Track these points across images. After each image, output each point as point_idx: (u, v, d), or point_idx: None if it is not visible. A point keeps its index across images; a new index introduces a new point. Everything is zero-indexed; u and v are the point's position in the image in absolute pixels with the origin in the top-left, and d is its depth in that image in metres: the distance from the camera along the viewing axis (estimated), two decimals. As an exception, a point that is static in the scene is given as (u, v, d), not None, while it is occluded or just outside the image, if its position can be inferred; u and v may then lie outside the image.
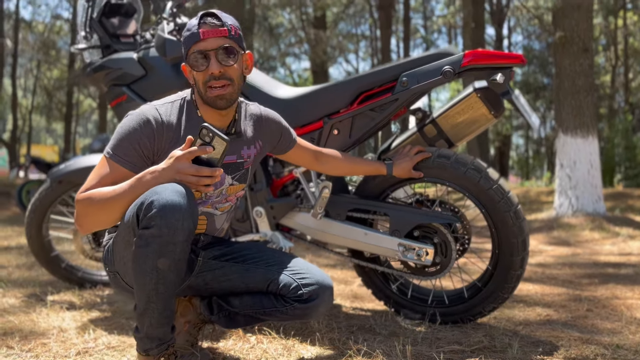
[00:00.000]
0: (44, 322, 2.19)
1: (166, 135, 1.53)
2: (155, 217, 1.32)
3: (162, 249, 1.35)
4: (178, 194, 1.34)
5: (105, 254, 1.62)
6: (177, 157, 1.39)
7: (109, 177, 1.49)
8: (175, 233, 1.34)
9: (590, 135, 6.62)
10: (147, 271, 1.37)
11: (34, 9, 23.48)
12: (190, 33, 1.52)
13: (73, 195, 2.86)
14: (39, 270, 3.41)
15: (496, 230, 2.02)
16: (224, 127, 1.63)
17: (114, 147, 1.51)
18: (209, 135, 1.37)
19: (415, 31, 27.92)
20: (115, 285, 1.64)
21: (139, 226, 1.36)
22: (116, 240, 1.53)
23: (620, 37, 21.47)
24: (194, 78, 1.56)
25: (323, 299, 1.58)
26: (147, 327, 1.43)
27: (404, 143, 2.28)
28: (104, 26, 2.61)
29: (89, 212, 1.45)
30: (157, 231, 1.33)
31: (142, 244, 1.35)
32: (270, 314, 1.62)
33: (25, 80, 29.39)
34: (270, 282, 1.60)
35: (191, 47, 1.52)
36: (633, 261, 4.05)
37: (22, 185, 8.11)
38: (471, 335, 2.00)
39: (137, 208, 1.36)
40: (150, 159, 1.54)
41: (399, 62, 2.12)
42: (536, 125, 2.07)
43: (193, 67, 1.53)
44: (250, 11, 15.40)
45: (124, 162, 1.50)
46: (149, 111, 1.54)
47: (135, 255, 1.38)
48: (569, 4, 6.70)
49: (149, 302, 1.41)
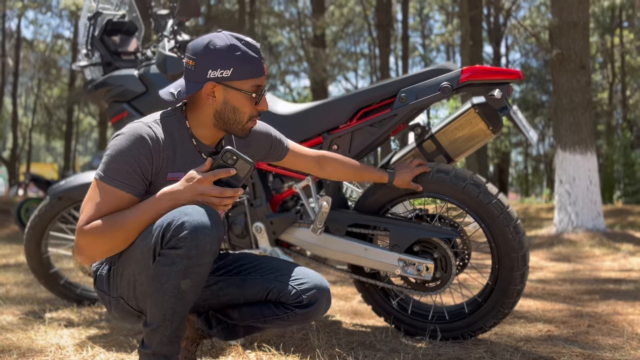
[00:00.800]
0: (42, 339, 2.17)
1: (162, 153, 1.47)
2: (186, 238, 1.31)
3: (188, 270, 1.35)
4: (208, 216, 1.35)
5: (104, 280, 1.54)
6: (199, 180, 1.38)
7: (110, 204, 1.41)
8: (203, 255, 1.34)
9: (589, 152, 6.65)
10: (168, 290, 1.36)
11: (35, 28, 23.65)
12: (254, 65, 1.48)
13: (72, 213, 2.87)
14: (37, 288, 3.40)
15: (496, 245, 2.02)
16: (213, 145, 1.59)
17: (110, 170, 1.42)
18: (233, 158, 1.39)
19: (413, 49, 28.18)
20: (117, 311, 1.55)
21: (164, 245, 1.34)
22: (125, 264, 1.46)
23: (617, 55, 21.66)
24: (230, 105, 1.49)
25: (322, 302, 1.58)
26: (156, 344, 1.41)
27: (403, 158, 2.29)
28: (105, 44, 2.64)
29: (97, 244, 1.39)
30: (186, 252, 1.32)
31: (166, 263, 1.34)
32: (270, 322, 1.61)
33: (25, 99, 29.55)
34: (269, 291, 1.59)
35: (252, 79, 1.49)
36: (634, 277, 4.04)
37: (21, 203, 8.10)
38: (472, 351, 1.98)
39: (164, 228, 1.34)
40: (148, 179, 1.47)
41: (398, 79, 2.14)
42: (534, 140, 2.08)
43: (255, 100, 1.51)
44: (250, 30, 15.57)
45: (124, 185, 1.42)
46: (141, 129, 1.46)
47: (157, 273, 1.36)
48: (565, 22, 6.78)
49: (164, 320, 1.39)
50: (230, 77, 1.46)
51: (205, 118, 1.53)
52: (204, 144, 1.56)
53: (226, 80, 1.46)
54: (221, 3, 17.40)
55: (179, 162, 1.51)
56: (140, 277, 1.43)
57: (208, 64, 1.45)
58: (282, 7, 20.97)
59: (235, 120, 1.51)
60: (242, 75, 1.47)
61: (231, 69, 1.46)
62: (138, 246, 1.41)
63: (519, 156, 32.21)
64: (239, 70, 1.46)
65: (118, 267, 1.49)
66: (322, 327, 2.39)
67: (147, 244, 1.38)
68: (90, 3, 2.73)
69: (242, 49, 1.47)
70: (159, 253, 1.36)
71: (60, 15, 21.27)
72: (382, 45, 16.91)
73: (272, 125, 2.26)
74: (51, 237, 2.85)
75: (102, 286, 1.55)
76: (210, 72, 1.45)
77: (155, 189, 1.47)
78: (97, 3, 2.73)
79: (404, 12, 19.12)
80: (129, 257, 1.45)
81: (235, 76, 1.46)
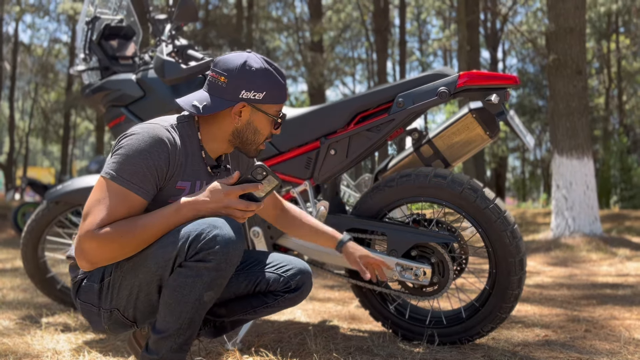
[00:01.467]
0: (38, 344, 2.17)
1: (177, 160, 1.44)
2: (217, 252, 1.32)
3: (213, 283, 1.36)
4: (237, 230, 1.37)
5: (95, 292, 1.47)
6: (227, 192, 1.39)
7: (122, 207, 1.35)
8: (231, 269, 1.37)
9: (586, 157, 6.67)
10: (190, 301, 1.35)
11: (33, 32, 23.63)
12: (283, 92, 1.53)
13: (69, 217, 2.86)
14: (34, 292, 3.38)
15: (493, 250, 2.02)
16: (214, 159, 1.58)
17: (125, 171, 1.36)
18: (262, 174, 1.41)
19: (411, 54, 28.27)
20: (109, 323, 1.49)
21: (189, 257, 1.33)
22: (128, 274, 1.41)
23: (614, 60, 21.76)
24: (252, 126, 1.51)
25: (308, 285, 1.64)
26: (166, 351, 1.40)
27: (401, 163, 2.30)
28: (103, 48, 2.64)
29: (106, 249, 1.33)
30: (216, 265, 1.33)
31: (191, 275, 1.34)
32: (259, 311, 1.63)
33: (22, 103, 29.51)
34: (258, 284, 1.61)
35: (280, 105, 1.54)
36: (631, 282, 4.05)
37: (17, 207, 8.08)
38: (469, 356, 1.98)
39: (192, 240, 1.32)
40: (159, 185, 1.43)
41: (395, 83, 2.14)
42: (531, 145, 2.09)
43: (276, 123, 1.55)
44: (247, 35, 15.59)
45: (138, 189, 1.37)
46: (161, 131, 1.42)
47: (179, 284, 1.34)
48: (561, 28, 6.81)
49: (179, 329, 1.38)
50: (262, 101, 1.49)
51: (221, 133, 1.53)
52: (210, 157, 1.56)
53: (257, 103, 1.49)
54: (219, 8, 17.43)
55: (188, 171, 1.49)
56: (148, 288, 1.40)
57: (242, 84, 1.46)
58: (280, 12, 21.01)
59: (253, 141, 1.54)
60: (272, 100, 1.50)
61: (264, 93, 1.48)
62: (152, 256, 1.36)
63: (516, 161, 32.30)
64: (271, 95, 1.49)
65: (116, 277, 1.43)
66: (319, 331, 2.39)
67: (165, 254, 1.35)
68: (88, 7, 2.74)
69: (274, 75, 1.50)
70: (182, 264, 1.34)
71: (57, 20, 21.29)
72: (380, 50, 16.98)
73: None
74: (48, 241, 2.84)
75: (90, 298, 1.48)
76: (243, 92, 1.47)
77: (162, 196, 1.45)
78: (95, 7, 2.73)
79: (401, 17, 19.18)
80: (135, 267, 1.40)
81: (266, 100, 1.49)
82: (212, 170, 1.56)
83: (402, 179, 2.11)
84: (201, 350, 2.04)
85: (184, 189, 1.48)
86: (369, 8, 20.47)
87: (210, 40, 13.44)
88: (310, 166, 2.24)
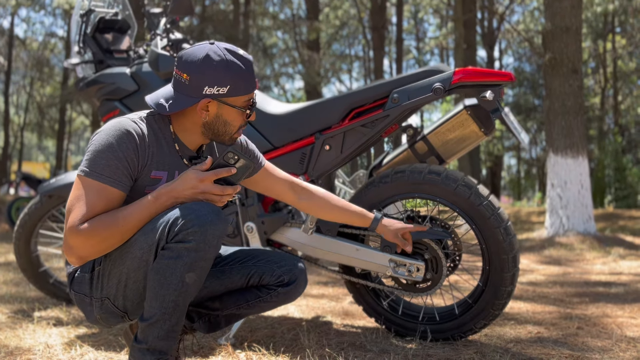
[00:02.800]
0: (30, 338, 2.16)
1: (147, 150, 1.46)
2: (195, 232, 1.34)
3: (194, 264, 1.37)
4: (216, 212, 1.38)
5: (86, 282, 1.49)
6: (201, 178, 1.40)
7: (100, 201, 1.37)
8: (210, 250, 1.38)
9: (580, 156, 6.69)
10: (172, 283, 1.36)
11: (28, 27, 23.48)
12: (248, 82, 1.48)
13: (63, 211, 2.85)
14: (27, 286, 3.37)
15: (487, 246, 2.03)
16: (194, 149, 1.58)
17: (96, 166, 1.39)
18: (235, 158, 1.43)
19: (407, 52, 28.27)
20: (101, 312, 1.50)
21: (170, 240, 1.35)
22: (115, 262, 1.43)
23: (609, 60, 21.82)
24: (222, 119, 1.49)
25: (301, 280, 1.66)
26: (153, 338, 1.40)
27: (396, 159, 2.30)
28: (97, 41, 2.63)
29: (91, 243, 1.36)
30: (194, 245, 1.34)
31: (172, 256, 1.35)
32: (254, 305, 1.64)
33: (17, 97, 29.37)
34: (250, 277, 1.63)
35: (248, 95, 1.50)
36: (624, 280, 4.06)
37: (12, 202, 8.05)
38: (462, 352, 1.99)
39: (171, 223, 1.35)
40: (134, 176, 1.44)
41: (390, 79, 2.14)
42: (525, 142, 2.09)
43: (246, 113, 1.52)
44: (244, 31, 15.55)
45: (112, 181, 1.39)
46: (126, 123, 1.44)
47: (161, 267, 1.36)
48: (558, 27, 6.82)
49: (163, 314, 1.39)
50: (227, 94, 1.46)
51: (192, 126, 1.52)
52: (186, 147, 1.56)
53: (222, 97, 1.46)
54: (216, 4, 17.38)
55: (162, 161, 1.50)
56: (136, 275, 1.42)
57: (204, 81, 1.44)
58: (277, 8, 20.97)
59: (224, 132, 1.53)
60: (237, 92, 1.47)
61: (227, 87, 1.45)
62: (137, 243, 1.39)
63: (512, 159, 32.38)
64: (235, 87, 1.46)
65: (105, 266, 1.46)
66: (312, 327, 2.39)
67: (148, 240, 1.38)
68: (82, 0, 2.72)
69: (237, 66, 1.46)
70: (163, 247, 1.36)
71: (53, 14, 21.16)
72: (377, 47, 16.97)
73: (264, 124, 2.27)
74: (41, 235, 2.82)
75: (83, 288, 1.50)
76: (206, 88, 1.44)
77: (138, 186, 1.46)
78: (89, 1, 2.72)
79: (398, 15, 19.17)
80: (122, 255, 1.42)
81: (231, 93, 1.46)
82: (191, 162, 1.56)
83: (397, 176, 2.11)
84: (194, 345, 2.04)
85: (161, 179, 1.50)
86: (366, 6, 20.45)
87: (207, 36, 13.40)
88: (304, 162, 2.23)
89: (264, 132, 2.26)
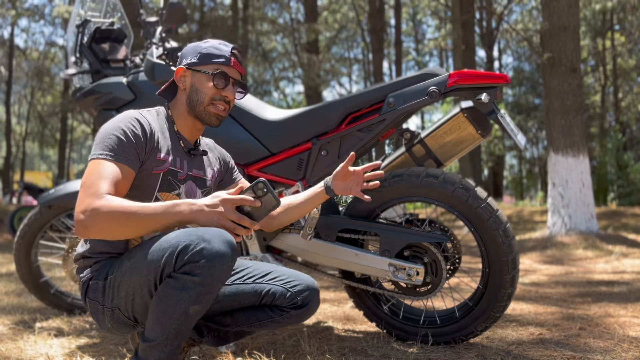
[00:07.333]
0: (31, 349, 2.16)
1: (153, 135, 1.53)
2: (203, 267, 1.30)
3: (199, 297, 1.34)
4: (227, 244, 1.33)
5: (99, 289, 1.51)
6: (224, 199, 1.37)
7: (111, 177, 1.40)
8: (217, 284, 1.35)
9: (581, 154, 6.67)
10: (176, 313, 1.34)
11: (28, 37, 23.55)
12: (221, 54, 1.62)
13: (63, 220, 2.85)
14: (28, 297, 3.37)
15: (486, 249, 2.02)
16: (192, 141, 1.68)
17: (105, 147, 1.44)
18: (263, 190, 1.37)
19: (407, 54, 28.29)
20: (112, 322, 1.52)
21: (177, 269, 1.32)
22: (125, 275, 1.43)
23: (609, 58, 21.80)
24: (194, 87, 1.61)
25: (314, 302, 1.64)
26: (154, 359, 1.40)
27: (393, 163, 2.30)
28: (94, 51, 2.63)
29: (103, 220, 1.34)
30: (201, 280, 1.31)
31: (177, 287, 1.32)
32: (265, 325, 1.63)
33: (19, 107, 29.45)
34: (264, 296, 1.60)
35: (217, 65, 1.62)
36: (626, 279, 4.05)
37: (14, 211, 8.06)
38: (463, 355, 1.98)
39: (180, 251, 1.31)
40: (141, 157, 1.49)
41: (386, 83, 2.14)
42: (522, 144, 2.09)
43: (215, 82, 1.60)
44: (243, 36, 15.58)
45: (122, 158, 1.44)
46: (131, 112, 1.54)
47: (166, 295, 1.34)
48: (556, 26, 6.82)
49: (166, 339, 1.38)
50: (197, 62, 1.62)
51: (181, 107, 1.64)
52: (184, 137, 1.66)
53: (193, 65, 1.61)
54: (214, 9, 17.41)
55: (166, 147, 1.58)
56: (142, 291, 1.41)
57: (184, 56, 1.65)
58: (276, 12, 20.99)
59: (197, 101, 1.61)
60: (207, 59, 1.61)
61: (198, 55, 1.62)
62: (144, 261, 1.38)
63: (514, 159, 32.33)
64: (205, 55, 1.62)
65: (116, 276, 1.46)
66: (313, 333, 2.38)
67: (154, 260, 1.35)
68: (78, 11, 2.73)
69: (212, 42, 1.64)
70: (170, 275, 1.34)
71: (53, 23, 21.24)
72: (376, 50, 16.97)
73: (261, 130, 2.27)
74: (41, 246, 2.83)
75: (96, 296, 1.51)
76: (183, 61, 1.64)
77: (146, 167, 1.52)
78: (85, 11, 2.73)
79: (396, 17, 19.19)
80: (131, 269, 1.42)
81: (202, 60, 1.61)
82: (189, 153, 1.65)
83: (395, 179, 2.11)
84: (195, 352, 2.03)
85: (166, 160, 1.56)
86: (365, 8, 20.47)
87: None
88: (302, 167, 2.24)
89: (261, 139, 2.26)
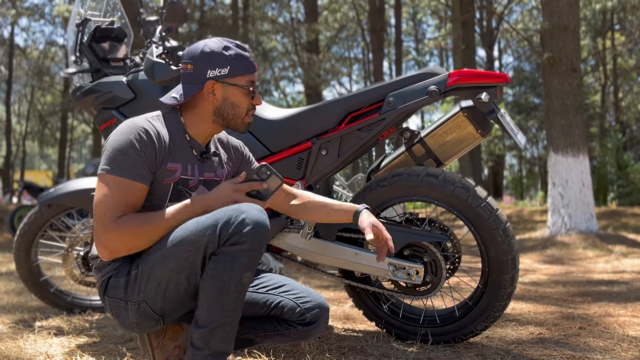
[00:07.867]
0: (31, 348, 2.16)
1: (163, 144, 1.53)
2: (249, 233, 1.37)
3: (250, 263, 1.40)
4: (261, 211, 1.42)
5: (121, 286, 1.51)
6: (235, 189, 1.49)
7: (124, 195, 1.44)
8: (262, 248, 1.42)
9: (581, 154, 6.67)
10: (232, 285, 1.39)
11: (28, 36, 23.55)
12: (248, 62, 1.59)
13: (63, 219, 2.85)
14: (28, 296, 3.37)
15: (486, 248, 2.02)
16: (203, 144, 1.65)
17: (117, 162, 1.45)
18: (267, 173, 1.51)
19: (407, 53, 28.29)
20: (137, 316, 1.51)
21: (222, 244, 1.38)
22: (156, 266, 1.44)
23: (609, 57, 21.80)
24: (229, 101, 1.58)
25: (322, 321, 1.62)
26: (216, 342, 1.42)
27: (393, 162, 2.30)
28: (93, 50, 2.63)
29: (124, 239, 1.43)
30: (250, 246, 1.38)
31: (228, 259, 1.38)
32: (270, 336, 1.63)
33: (19, 106, 29.45)
34: (274, 307, 1.60)
35: (246, 75, 1.59)
36: (626, 278, 4.05)
37: (14, 210, 8.07)
38: (463, 354, 1.98)
39: (222, 226, 1.38)
40: (153, 169, 1.50)
41: (386, 83, 2.14)
42: (522, 143, 2.09)
43: (250, 94, 1.59)
44: (243, 36, 15.58)
45: (134, 175, 1.46)
46: (140, 122, 1.52)
47: (217, 272, 1.39)
48: (556, 26, 6.82)
49: (226, 317, 1.41)
50: (228, 74, 1.56)
51: (204, 115, 1.60)
52: (197, 142, 1.63)
53: (224, 78, 1.56)
54: (214, 9, 17.41)
55: (178, 154, 1.57)
56: (178, 277, 1.44)
57: (206, 65, 1.55)
58: (276, 12, 21.00)
59: (234, 115, 1.60)
60: (238, 71, 1.57)
61: (228, 67, 1.56)
62: (181, 245, 1.42)
63: (514, 159, 32.33)
64: (235, 67, 1.56)
65: (144, 269, 1.47)
66: (313, 332, 2.38)
67: (193, 242, 1.40)
68: (78, 9, 2.73)
69: (234, 49, 1.58)
70: (215, 252, 1.39)
71: (53, 23, 21.23)
72: (376, 50, 16.97)
73: (260, 129, 2.27)
74: (41, 245, 2.83)
75: (117, 293, 1.51)
76: (209, 72, 1.55)
77: (157, 178, 1.52)
78: (85, 10, 2.72)
79: (397, 17, 19.19)
80: (163, 258, 1.44)
81: (232, 73, 1.56)
82: (201, 156, 1.63)
83: (394, 179, 2.11)
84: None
85: (176, 170, 1.56)
86: (365, 8, 20.47)
87: (206, 41, 13.39)
88: (302, 166, 2.24)
89: (261, 138, 2.26)
